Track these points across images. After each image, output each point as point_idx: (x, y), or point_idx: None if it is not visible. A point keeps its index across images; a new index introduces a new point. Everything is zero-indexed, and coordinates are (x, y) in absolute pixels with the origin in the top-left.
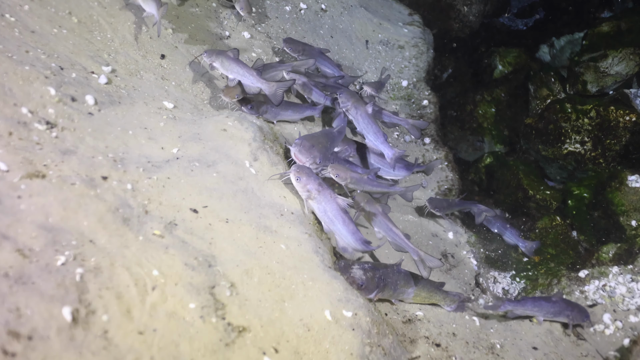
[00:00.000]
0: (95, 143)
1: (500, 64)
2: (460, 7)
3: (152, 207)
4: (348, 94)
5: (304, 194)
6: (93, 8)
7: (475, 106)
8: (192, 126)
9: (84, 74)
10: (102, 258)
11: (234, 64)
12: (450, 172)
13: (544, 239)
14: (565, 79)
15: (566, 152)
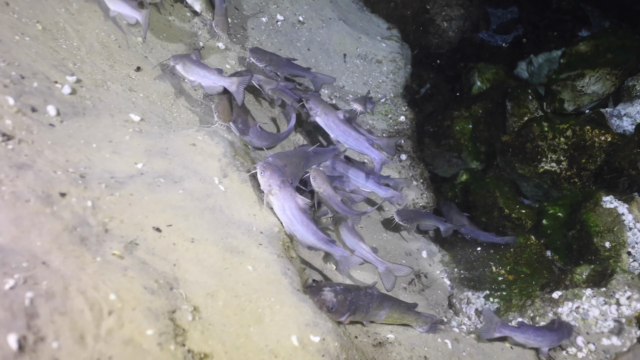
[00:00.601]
0: (54, 157)
1: (479, 80)
2: (440, 23)
3: (112, 226)
4: (316, 99)
5: (265, 188)
6: (60, 15)
7: (453, 122)
8: (159, 140)
9: (47, 84)
10: (55, 281)
11: (194, 65)
12: (426, 190)
13: (518, 258)
14: (542, 97)
15: (542, 170)
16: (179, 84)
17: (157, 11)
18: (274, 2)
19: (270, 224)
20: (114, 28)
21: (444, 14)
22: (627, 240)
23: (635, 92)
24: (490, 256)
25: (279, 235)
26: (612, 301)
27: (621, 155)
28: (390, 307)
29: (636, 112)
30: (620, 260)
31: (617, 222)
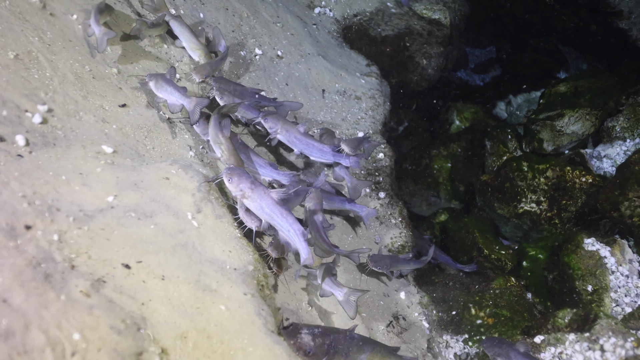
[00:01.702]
0: (21, 188)
1: (458, 119)
2: (420, 60)
3: (79, 262)
4: (274, 117)
5: (238, 194)
6: (33, 44)
7: (431, 160)
8: (131, 173)
9: (17, 112)
10: (16, 320)
11: (164, 83)
12: (404, 229)
13: (499, 299)
14: (521, 137)
15: (522, 211)
16: (153, 116)
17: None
18: (252, 36)
19: (245, 262)
20: (89, 59)
21: (423, 52)
22: (609, 284)
23: (615, 133)
24: (469, 298)
25: (254, 273)
26: (596, 347)
27: (602, 197)
28: (371, 350)
29: (616, 154)
30: (603, 304)
31: (599, 265)
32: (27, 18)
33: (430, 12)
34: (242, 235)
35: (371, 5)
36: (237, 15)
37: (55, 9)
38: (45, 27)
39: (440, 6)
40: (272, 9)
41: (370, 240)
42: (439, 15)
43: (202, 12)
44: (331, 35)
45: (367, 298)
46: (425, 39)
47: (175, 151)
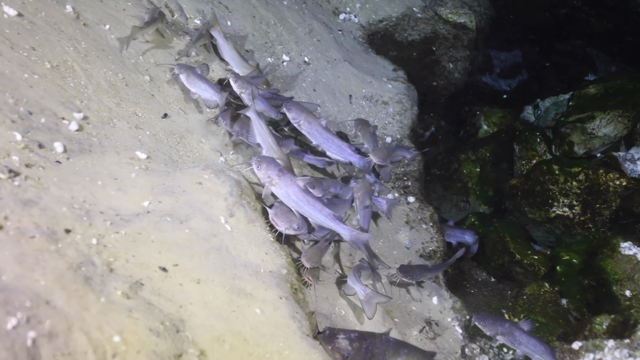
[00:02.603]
0: (60, 193)
1: (485, 124)
2: (446, 64)
3: (117, 265)
4: (298, 108)
5: (266, 180)
6: (68, 53)
7: (460, 165)
8: (165, 178)
9: (54, 120)
10: (59, 321)
11: (197, 79)
12: (436, 234)
13: (532, 305)
14: (551, 140)
15: (554, 215)
16: (185, 123)
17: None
18: (279, 43)
19: (278, 266)
20: (121, 67)
21: (449, 55)
22: None
23: None
24: (502, 303)
25: (287, 277)
26: (637, 354)
27: (638, 200)
28: (407, 354)
29: None
30: None
31: (638, 269)
32: (62, 29)
33: (456, 16)
34: (275, 239)
35: (397, 10)
36: (264, 22)
37: (89, 20)
38: (80, 37)
39: (465, 10)
40: (298, 16)
41: (401, 245)
42: (465, 19)
43: (230, 20)
44: (357, 41)
45: (399, 303)
46: (451, 43)
47: (207, 157)
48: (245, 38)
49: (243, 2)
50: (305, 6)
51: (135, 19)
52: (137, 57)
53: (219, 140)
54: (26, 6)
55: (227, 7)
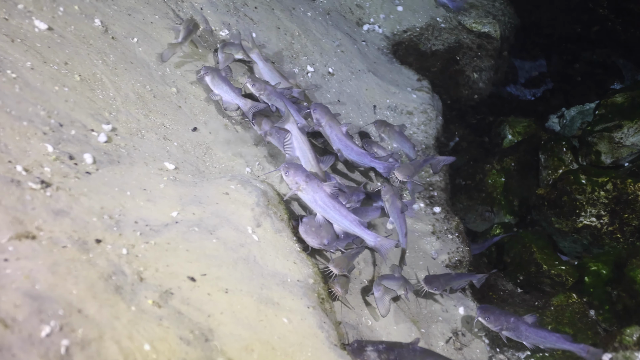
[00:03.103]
0: (90, 204)
1: (510, 134)
2: (470, 74)
3: (147, 275)
4: (323, 110)
5: (293, 186)
6: (97, 66)
7: (485, 175)
8: (193, 189)
9: (84, 132)
10: (90, 329)
11: (221, 81)
12: (461, 244)
13: (560, 317)
14: (577, 149)
15: (581, 225)
16: (211, 134)
17: (197, 48)
18: (304, 54)
19: (305, 275)
20: (149, 79)
21: (473, 65)
22: None
23: None
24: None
25: (314, 286)
26: None
27: None
28: None
29: None
30: None
31: None
32: (91, 42)
33: (480, 26)
34: (302, 249)
35: (420, 20)
36: (289, 33)
37: (117, 33)
38: (108, 50)
39: (489, 19)
40: (322, 27)
41: (427, 256)
42: (489, 28)
43: (255, 31)
44: (381, 52)
45: (425, 313)
46: (475, 53)
47: (233, 167)
48: (270, 49)
49: (267, 13)
50: (329, 17)
51: (171, 31)
52: (164, 69)
53: (245, 151)
54: (56, 20)
55: (252, 19)
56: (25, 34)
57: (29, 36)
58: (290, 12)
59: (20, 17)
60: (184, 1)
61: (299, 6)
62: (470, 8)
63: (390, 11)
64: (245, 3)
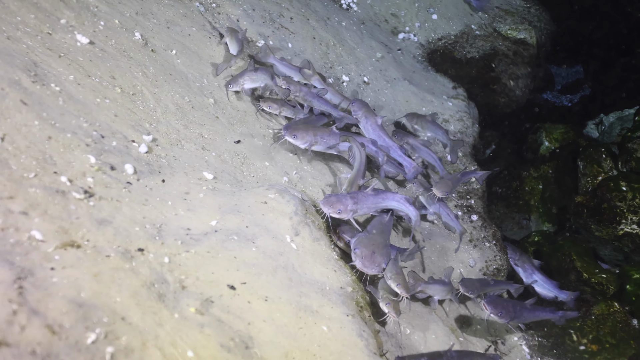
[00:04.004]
0: (132, 213)
1: (547, 140)
2: (506, 81)
3: (189, 283)
4: (361, 103)
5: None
6: (137, 78)
7: (522, 183)
8: (231, 198)
9: (125, 143)
10: (134, 337)
11: (259, 71)
12: (499, 252)
13: (601, 326)
14: (616, 156)
15: (622, 233)
16: (249, 142)
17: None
18: (339, 63)
19: (344, 283)
20: (187, 90)
21: (510, 73)
22: None
23: None
24: (570, 323)
25: (353, 294)
26: None
27: None
28: None
29: None
30: None
31: None
32: (132, 55)
33: (515, 32)
34: (340, 257)
35: (455, 28)
36: (324, 43)
37: (156, 46)
38: (148, 63)
39: (525, 25)
40: (357, 37)
41: (464, 264)
42: (525, 34)
43: (291, 42)
44: (416, 60)
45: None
46: (511, 60)
47: (270, 177)
48: (306, 59)
49: (303, 24)
50: (364, 27)
51: (220, 45)
52: (202, 80)
53: (282, 160)
54: (97, 34)
55: (287, 29)
56: (68, 48)
57: (72, 50)
58: (325, 22)
59: (63, 32)
60: (221, 13)
61: (333, 16)
62: (506, 15)
63: (425, 19)
64: (281, 14)
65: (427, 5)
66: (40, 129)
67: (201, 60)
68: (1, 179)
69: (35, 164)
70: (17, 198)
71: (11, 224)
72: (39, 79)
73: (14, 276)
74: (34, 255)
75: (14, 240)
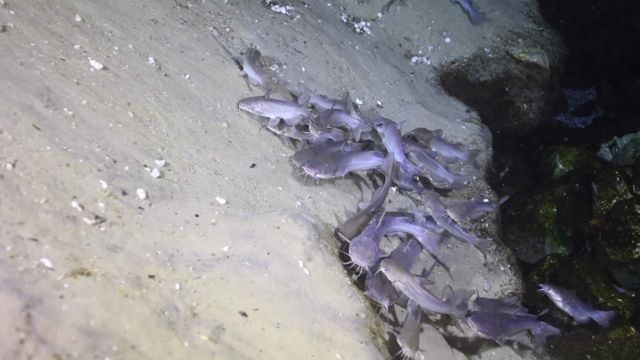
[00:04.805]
0: (143, 239)
1: (561, 163)
2: (520, 105)
3: (200, 310)
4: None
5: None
6: (150, 103)
7: (536, 206)
8: (244, 223)
9: (137, 168)
10: None
11: (272, 103)
12: (514, 276)
13: (618, 351)
14: (630, 179)
15: (637, 256)
16: (262, 167)
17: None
18: (352, 87)
19: (357, 310)
20: (201, 114)
21: (523, 96)
22: None
23: None
24: (585, 348)
25: (366, 321)
26: None
27: None
28: None
29: None
30: None
31: None
32: (145, 80)
33: (528, 56)
34: (353, 283)
35: (468, 51)
36: (337, 67)
37: (170, 70)
38: (161, 87)
39: (538, 49)
40: (370, 61)
41: (480, 288)
42: (538, 58)
43: (304, 66)
44: (429, 83)
45: (476, 346)
46: (524, 83)
47: (284, 201)
48: (319, 83)
49: (316, 48)
50: (377, 50)
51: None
52: (215, 105)
53: (295, 185)
54: (111, 60)
55: (301, 53)
56: (82, 73)
57: (85, 76)
58: (339, 46)
59: (77, 58)
60: (234, 38)
61: (347, 40)
62: (518, 37)
63: (438, 43)
64: (294, 38)
65: (440, 29)
66: (52, 154)
67: (215, 84)
68: (12, 205)
69: (46, 189)
70: (28, 224)
71: (21, 251)
72: (51, 104)
73: (22, 304)
74: (43, 283)
75: (23, 268)
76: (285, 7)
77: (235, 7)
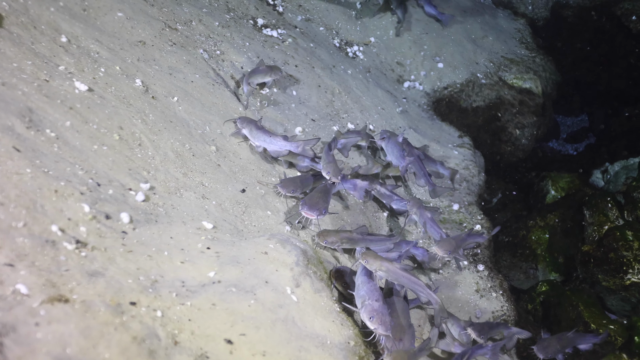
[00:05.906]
0: (126, 264)
1: (553, 189)
2: (512, 131)
3: (182, 338)
4: (389, 132)
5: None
6: (136, 125)
7: (528, 232)
8: (231, 248)
9: (121, 191)
10: None
11: (260, 132)
12: (506, 302)
13: None
14: (622, 205)
15: (629, 282)
16: (251, 192)
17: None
18: (344, 111)
19: (345, 337)
20: (188, 137)
21: (516, 122)
22: None
23: None
24: None
25: (355, 349)
26: None
27: None
28: None
29: None
30: None
31: None
32: (131, 102)
33: (521, 82)
34: (342, 310)
35: (461, 77)
36: (329, 91)
37: (157, 92)
38: (148, 110)
39: (530, 75)
40: (362, 85)
41: (472, 314)
42: (530, 84)
43: (296, 89)
44: (421, 109)
45: None
46: (517, 109)
47: (272, 226)
48: (311, 107)
49: (308, 71)
50: (369, 75)
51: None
52: (204, 128)
53: (284, 209)
54: (97, 81)
55: (293, 76)
56: (66, 95)
57: (69, 97)
58: (331, 70)
59: (61, 79)
60: (225, 60)
61: (339, 64)
62: (511, 64)
63: (430, 68)
64: (286, 61)
65: (433, 54)
66: (32, 176)
67: (204, 107)
68: None
69: (25, 212)
70: (4, 248)
71: None
72: (33, 125)
73: None
74: (18, 310)
75: None
76: (277, 31)
77: (227, 29)
